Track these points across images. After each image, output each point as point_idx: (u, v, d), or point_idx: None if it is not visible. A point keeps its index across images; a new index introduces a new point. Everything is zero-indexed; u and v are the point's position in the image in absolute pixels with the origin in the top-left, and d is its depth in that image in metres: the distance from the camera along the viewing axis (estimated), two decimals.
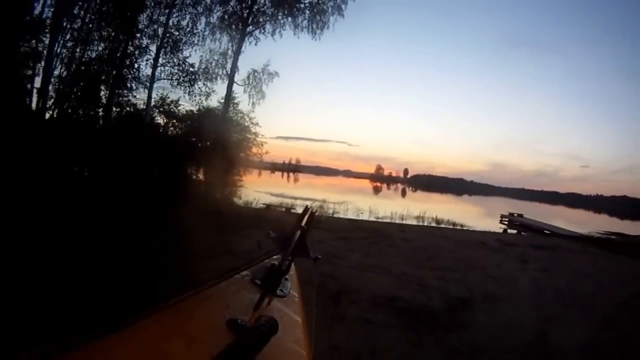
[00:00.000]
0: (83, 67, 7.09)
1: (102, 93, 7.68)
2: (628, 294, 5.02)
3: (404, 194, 47.20)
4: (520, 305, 3.95)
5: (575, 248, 9.52)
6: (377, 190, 45.83)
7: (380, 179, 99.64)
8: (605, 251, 9.30)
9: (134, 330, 0.56)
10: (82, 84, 6.86)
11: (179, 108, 8.49)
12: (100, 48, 7.61)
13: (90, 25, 7.31)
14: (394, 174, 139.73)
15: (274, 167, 33.25)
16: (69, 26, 7.28)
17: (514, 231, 15.29)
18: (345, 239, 7.04)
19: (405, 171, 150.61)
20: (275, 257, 1.08)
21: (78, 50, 7.21)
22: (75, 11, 7.33)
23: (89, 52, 7.52)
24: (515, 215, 18.81)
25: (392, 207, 15.97)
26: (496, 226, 16.65)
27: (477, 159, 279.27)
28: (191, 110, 8.48)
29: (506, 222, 17.85)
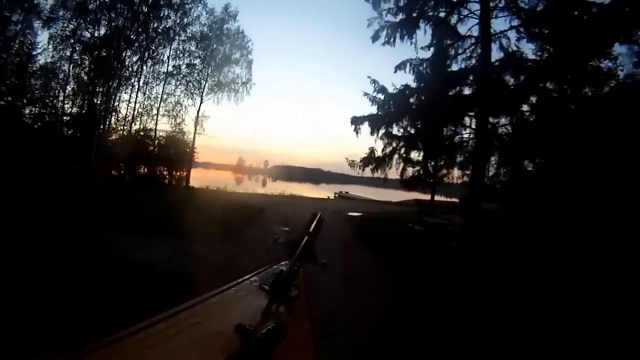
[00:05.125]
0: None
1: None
2: (361, 207, 13.01)
3: (264, 183, 50.90)
4: (306, 207, 11.05)
5: (356, 201, 18.52)
6: (239, 181, 48.59)
7: (242, 171, 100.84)
8: (379, 203, 19.35)
9: (143, 334, 0.58)
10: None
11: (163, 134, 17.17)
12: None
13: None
14: (254, 166, 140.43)
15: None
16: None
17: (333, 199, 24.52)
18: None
19: (266, 163, 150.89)
20: (283, 263, 1.11)
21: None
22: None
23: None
24: (344, 192, 31.02)
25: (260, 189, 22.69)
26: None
27: (337, 150, 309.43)
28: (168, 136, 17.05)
29: (336, 195, 28.40)
